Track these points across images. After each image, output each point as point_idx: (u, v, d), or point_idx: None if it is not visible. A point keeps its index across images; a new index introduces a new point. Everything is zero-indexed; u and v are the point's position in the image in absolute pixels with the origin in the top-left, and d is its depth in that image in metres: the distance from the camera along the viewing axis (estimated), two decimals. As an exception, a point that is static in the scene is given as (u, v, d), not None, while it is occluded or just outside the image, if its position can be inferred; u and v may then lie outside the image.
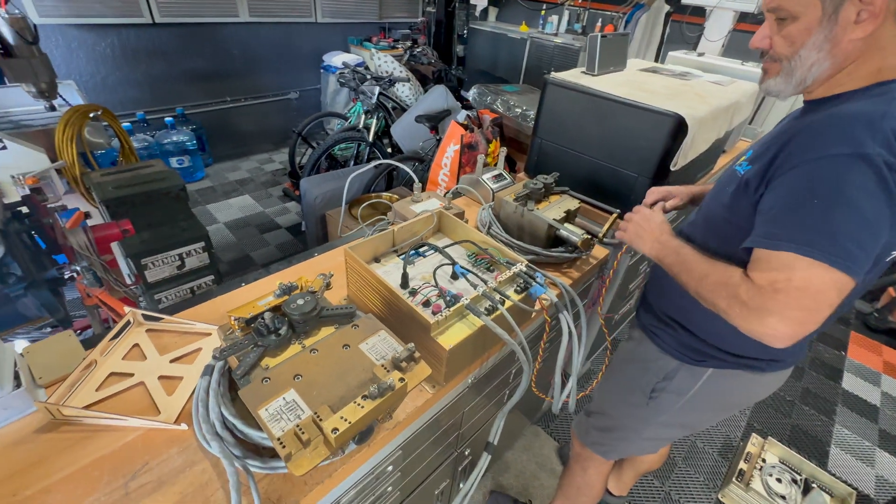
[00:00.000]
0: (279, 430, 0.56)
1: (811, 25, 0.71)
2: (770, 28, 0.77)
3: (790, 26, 0.73)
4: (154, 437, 0.71)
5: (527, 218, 1.20)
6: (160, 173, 1.78)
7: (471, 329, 0.82)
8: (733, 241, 0.83)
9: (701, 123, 1.30)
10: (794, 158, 0.70)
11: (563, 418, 2.06)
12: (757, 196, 0.77)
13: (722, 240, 0.88)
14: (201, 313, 0.96)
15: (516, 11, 5.08)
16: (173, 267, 1.72)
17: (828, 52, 0.71)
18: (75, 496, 0.63)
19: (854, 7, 0.66)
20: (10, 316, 1.24)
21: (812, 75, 0.74)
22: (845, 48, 0.70)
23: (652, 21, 3.18)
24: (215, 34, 3.73)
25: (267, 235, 3.16)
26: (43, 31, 2.95)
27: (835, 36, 0.69)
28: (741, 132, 2.22)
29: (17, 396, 0.71)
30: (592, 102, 1.38)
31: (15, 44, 1.70)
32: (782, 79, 0.78)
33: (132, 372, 0.80)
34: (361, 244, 0.96)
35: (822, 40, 0.71)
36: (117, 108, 3.43)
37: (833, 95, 0.75)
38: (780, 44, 0.76)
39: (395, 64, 3.90)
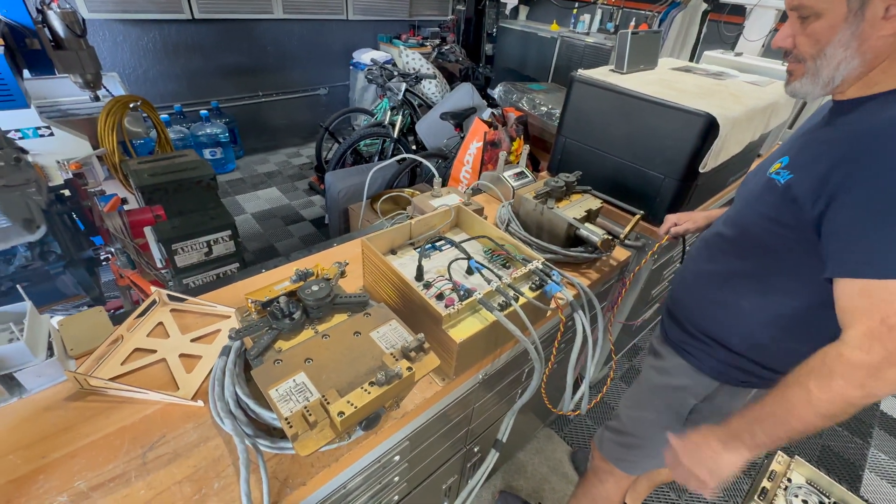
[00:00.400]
0: (287, 410, 0.58)
1: (836, 23, 0.68)
2: (793, 27, 0.74)
3: (814, 24, 0.70)
4: (172, 412, 0.74)
5: (546, 216, 1.18)
6: (192, 163, 1.85)
7: (483, 324, 0.81)
8: (779, 253, 0.79)
9: (734, 124, 1.25)
10: (865, 171, 0.64)
11: (578, 422, 2.02)
12: (815, 212, 0.70)
13: (764, 252, 0.83)
14: (222, 296, 0.99)
15: (548, 10, 5.01)
16: (201, 253, 1.78)
17: (855, 50, 0.68)
18: (97, 462, 0.66)
19: (882, 2, 0.63)
20: (50, 292, 1.31)
21: (840, 74, 0.71)
22: (875, 45, 0.66)
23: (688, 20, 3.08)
24: (250, 30, 3.84)
25: (291, 227, 3.24)
26: (91, 25, 3.12)
27: (862, 32, 0.66)
28: (779, 136, 2.12)
29: (51, 365, 0.75)
30: (620, 100, 1.35)
31: (65, 36, 1.80)
32: (809, 80, 0.75)
33: (155, 348, 0.84)
34: (378, 235, 0.97)
35: (848, 38, 0.67)
36: (156, 101, 3.59)
37: (871, 95, 0.71)
38: (803, 43, 0.72)
39: (423, 61, 3.91)
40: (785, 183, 0.76)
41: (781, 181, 0.77)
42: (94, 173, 1.97)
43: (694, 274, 1.02)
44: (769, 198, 0.80)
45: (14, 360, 0.72)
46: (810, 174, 0.71)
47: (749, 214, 0.87)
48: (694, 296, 1.00)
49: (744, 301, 0.89)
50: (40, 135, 1.78)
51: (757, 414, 0.70)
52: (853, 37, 0.67)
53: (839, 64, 0.70)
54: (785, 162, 0.81)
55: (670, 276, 1.89)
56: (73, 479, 0.64)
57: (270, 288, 0.76)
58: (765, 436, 0.68)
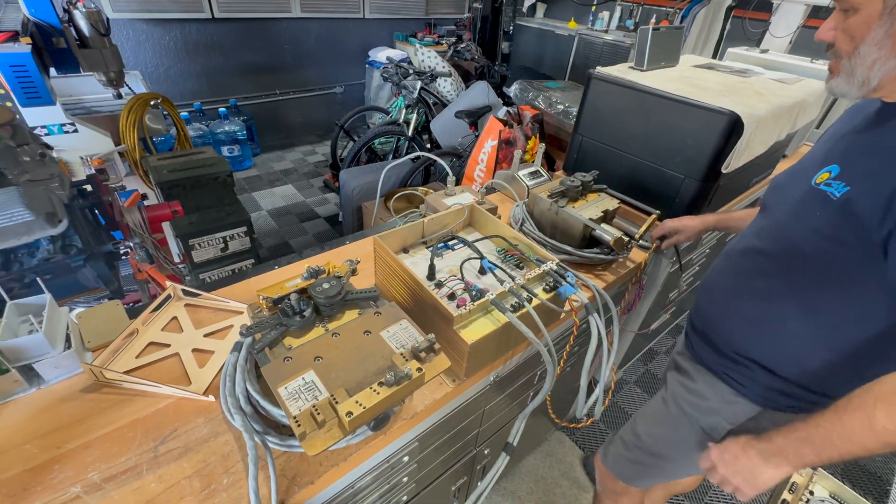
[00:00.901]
0: (296, 408, 0.57)
1: (871, 19, 0.64)
2: (836, 20, 0.70)
3: (852, 19, 0.67)
4: (184, 406, 0.74)
5: (561, 216, 1.16)
6: (210, 159, 1.88)
7: (495, 325, 0.80)
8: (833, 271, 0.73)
9: (759, 123, 1.20)
10: None
11: (590, 426, 1.99)
12: (883, 231, 0.65)
13: (815, 270, 0.77)
14: (236, 292, 1.00)
15: (565, 7, 4.95)
16: (217, 249, 1.81)
17: (890, 50, 0.64)
18: (111, 454, 0.67)
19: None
20: (71, 285, 1.34)
21: (876, 75, 0.67)
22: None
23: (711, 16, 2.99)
24: (268, 29, 3.89)
25: (306, 224, 3.27)
26: (115, 24, 3.19)
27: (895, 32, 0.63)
28: (806, 135, 2.05)
29: (68, 357, 0.76)
30: (639, 98, 1.31)
31: (90, 35, 1.84)
32: (844, 79, 0.71)
33: (169, 343, 0.85)
34: (390, 234, 0.96)
35: (882, 36, 0.64)
36: (177, 98, 3.66)
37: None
38: (841, 38, 0.69)
39: (438, 59, 3.90)
40: (842, 197, 0.70)
41: (836, 194, 0.71)
42: (115, 169, 2.01)
43: (726, 292, 0.95)
44: (822, 212, 0.73)
45: (33, 352, 0.73)
46: (874, 187, 0.66)
47: (796, 229, 0.79)
48: (729, 316, 0.93)
49: (791, 322, 0.82)
50: (65, 131, 1.83)
51: (807, 434, 0.66)
52: (887, 35, 0.64)
53: (874, 64, 0.66)
54: (835, 171, 0.74)
55: (688, 280, 1.84)
56: (87, 470, 0.64)
57: (282, 285, 0.76)
58: (814, 456, 0.65)
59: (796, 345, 0.82)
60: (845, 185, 0.70)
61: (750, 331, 0.88)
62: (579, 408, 0.93)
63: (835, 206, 0.71)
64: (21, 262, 1.19)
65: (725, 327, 0.94)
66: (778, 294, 0.83)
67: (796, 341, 0.82)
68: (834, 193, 0.71)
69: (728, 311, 0.93)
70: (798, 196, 0.80)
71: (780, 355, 0.85)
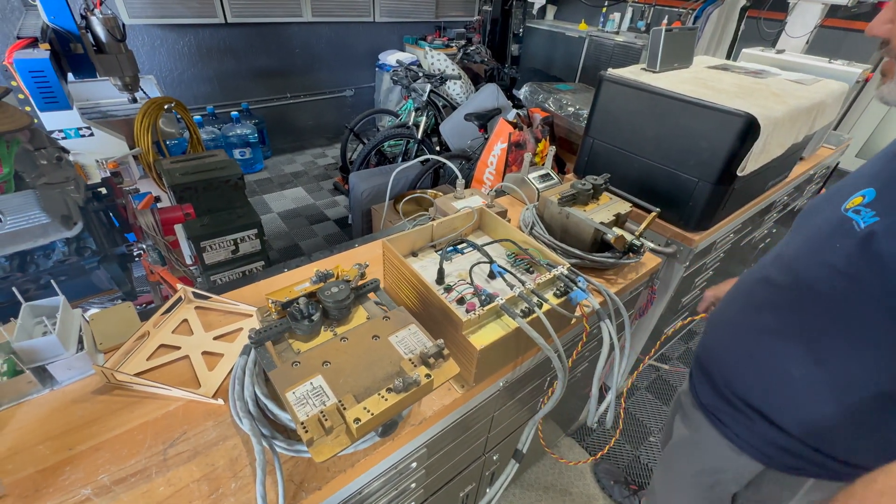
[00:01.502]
0: (304, 414, 0.57)
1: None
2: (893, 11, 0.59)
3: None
4: (193, 409, 0.75)
5: (572, 220, 1.14)
6: (221, 162, 1.89)
7: (505, 330, 0.79)
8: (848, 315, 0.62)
9: (776, 125, 1.18)
10: None
11: (601, 432, 1.96)
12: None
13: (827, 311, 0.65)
14: (245, 295, 1.00)
15: (576, 9, 4.92)
16: (228, 251, 1.82)
17: None
18: (121, 456, 0.67)
19: None
20: (85, 286, 1.37)
21: None
22: None
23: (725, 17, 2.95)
24: (280, 33, 3.93)
25: (316, 227, 3.29)
26: (131, 30, 3.26)
27: None
28: (824, 137, 2.00)
29: (81, 358, 0.77)
30: (652, 100, 1.29)
31: (106, 41, 1.88)
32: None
33: (179, 345, 0.85)
34: (399, 237, 0.95)
35: None
36: (190, 102, 3.72)
37: None
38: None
39: (448, 62, 3.91)
40: (866, 228, 0.58)
41: (861, 224, 0.59)
42: (129, 172, 2.05)
43: (731, 324, 0.84)
44: (841, 243, 0.62)
45: (47, 353, 0.74)
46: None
47: (811, 260, 0.68)
48: (730, 351, 0.82)
49: (796, 368, 0.71)
50: (81, 135, 1.87)
51: None
52: None
53: None
54: (870, 196, 0.61)
55: (703, 285, 1.81)
56: (98, 472, 0.65)
57: (290, 289, 0.76)
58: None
59: (801, 395, 0.71)
60: (874, 214, 0.59)
61: (751, 372, 0.78)
62: (591, 415, 0.92)
63: (857, 239, 0.59)
64: (37, 263, 1.21)
65: (728, 365, 0.83)
66: (785, 334, 0.73)
67: (801, 391, 0.71)
68: (858, 223, 0.60)
69: (731, 347, 0.82)
70: (822, 222, 0.69)
71: (782, 405, 0.73)
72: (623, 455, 1.87)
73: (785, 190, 1.80)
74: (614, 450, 1.89)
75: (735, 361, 0.81)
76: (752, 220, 1.76)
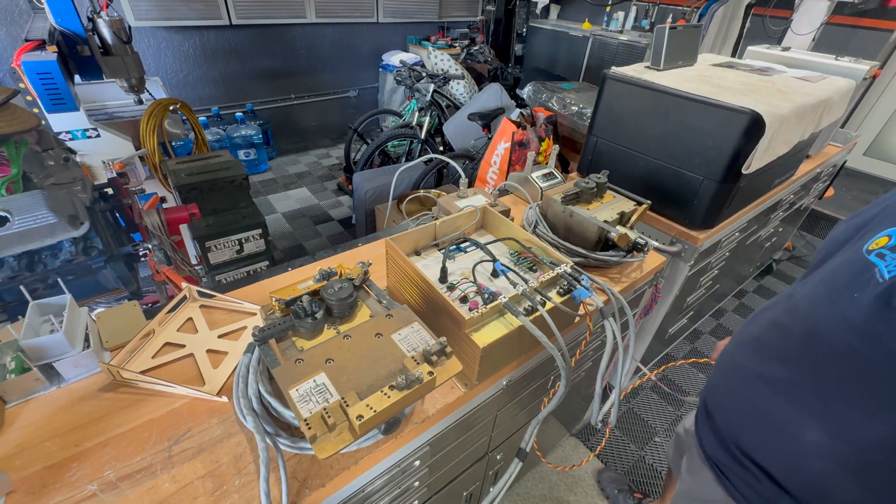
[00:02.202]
0: (307, 411, 0.57)
1: None
2: None
3: None
4: (198, 407, 0.75)
5: (575, 218, 1.14)
6: (226, 163, 1.91)
7: (508, 329, 0.79)
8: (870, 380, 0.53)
9: (782, 122, 1.17)
10: None
11: (605, 432, 1.95)
12: None
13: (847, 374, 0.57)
14: (249, 293, 1.01)
15: (580, 8, 4.91)
16: (233, 251, 1.83)
17: None
18: (126, 453, 0.68)
19: None
20: (92, 285, 1.38)
21: None
22: None
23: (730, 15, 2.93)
24: (284, 35, 3.95)
25: (320, 227, 3.30)
26: (137, 32, 3.28)
27: None
28: (831, 135, 1.98)
29: (87, 356, 0.78)
30: (656, 98, 1.29)
31: (112, 43, 1.90)
32: None
33: (184, 343, 0.86)
34: (403, 236, 0.96)
35: None
36: (196, 104, 3.75)
37: None
38: None
39: (451, 62, 3.91)
40: (889, 281, 0.49)
41: (885, 275, 0.50)
42: (136, 173, 2.06)
43: (738, 369, 0.75)
44: (860, 294, 0.52)
45: (54, 351, 0.75)
46: None
47: (825, 312, 0.58)
48: (736, 399, 0.73)
49: (808, 431, 0.62)
50: (88, 136, 1.89)
51: None
52: None
53: None
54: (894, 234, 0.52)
55: (707, 283, 1.80)
56: (104, 469, 0.65)
57: (294, 287, 0.76)
58: None
59: (813, 461, 0.62)
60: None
61: (758, 428, 0.69)
62: (594, 414, 0.91)
63: (877, 291, 0.50)
64: (45, 263, 1.23)
65: (732, 414, 0.75)
66: (796, 392, 0.64)
67: (813, 457, 0.62)
68: (882, 272, 0.50)
69: (737, 394, 0.74)
70: (841, 264, 0.59)
71: (792, 469, 0.65)
72: (628, 456, 1.86)
73: (791, 188, 1.78)
74: (620, 451, 1.88)
75: (741, 413, 0.73)
76: (758, 219, 1.74)
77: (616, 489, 1.67)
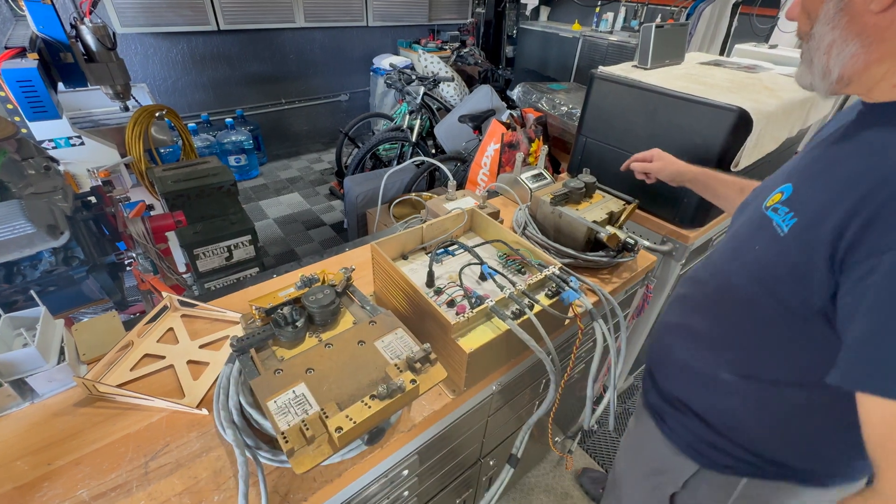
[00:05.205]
0: (285, 423, 0.55)
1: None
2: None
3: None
4: (177, 420, 0.73)
5: (564, 219, 1.13)
6: (214, 169, 1.88)
7: (495, 333, 0.77)
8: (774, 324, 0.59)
9: (769, 119, 1.16)
10: (892, 233, 0.44)
11: (601, 434, 1.93)
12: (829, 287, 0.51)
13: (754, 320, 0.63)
14: (233, 302, 0.99)
15: (569, 9, 4.93)
16: (222, 258, 1.81)
17: (845, 30, 0.51)
18: (101, 470, 0.65)
19: None
20: (75, 296, 1.35)
21: (835, 63, 0.53)
22: (872, 24, 0.48)
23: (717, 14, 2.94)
24: (273, 39, 3.93)
25: (312, 232, 3.27)
26: (124, 39, 3.25)
27: (850, 6, 0.49)
28: (819, 132, 1.99)
29: (62, 370, 0.75)
30: (643, 97, 1.28)
31: (96, 49, 1.87)
32: (805, 67, 0.58)
33: (164, 354, 0.83)
34: (389, 240, 0.94)
35: (833, 13, 0.51)
36: (185, 110, 3.71)
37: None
38: (801, 17, 0.57)
39: (441, 64, 3.91)
40: (788, 233, 0.55)
41: (783, 228, 0.56)
42: (121, 181, 2.03)
43: (666, 325, 0.85)
44: (761, 245, 0.60)
45: (26, 365, 0.73)
46: (821, 221, 0.51)
47: (732, 263, 0.65)
48: (671, 353, 0.81)
49: (724, 374, 0.70)
50: (72, 144, 1.86)
51: None
52: (839, 11, 0.51)
53: (830, 48, 0.53)
54: (787, 193, 0.58)
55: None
56: (77, 488, 0.63)
57: (275, 294, 0.74)
58: None
59: (730, 400, 0.70)
60: (792, 214, 0.56)
61: (685, 372, 0.78)
62: (587, 418, 0.90)
63: (777, 243, 0.56)
64: (24, 274, 1.20)
65: (666, 366, 0.83)
66: (711, 338, 0.72)
67: (730, 396, 0.70)
68: (779, 226, 0.57)
69: (670, 349, 0.82)
70: (746, 219, 0.67)
71: (713, 404, 0.74)
72: (624, 456, 1.85)
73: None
74: (611, 451, 1.87)
75: (672, 363, 0.81)
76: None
77: (601, 488, 1.66)
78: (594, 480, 1.69)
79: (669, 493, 0.85)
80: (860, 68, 0.52)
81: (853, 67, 0.52)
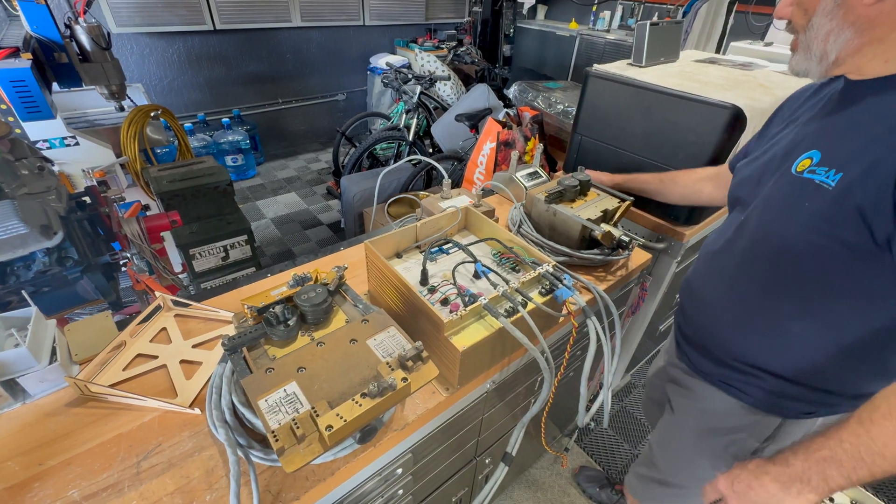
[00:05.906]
0: (276, 422, 0.55)
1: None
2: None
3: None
4: (169, 420, 0.73)
5: (559, 217, 1.13)
6: (210, 169, 1.88)
7: (489, 331, 0.77)
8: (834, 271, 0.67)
9: (763, 116, 1.16)
10: None
11: (598, 432, 1.94)
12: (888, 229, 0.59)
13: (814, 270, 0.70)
14: (227, 301, 0.98)
15: (566, 8, 4.93)
16: (218, 258, 1.81)
17: (842, 20, 0.62)
18: (92, 470, 0.65)
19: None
20: (69, 297, 1.34)
21: (832, 48, 0.64)
22: (865, 14, 0.60)
23: (713, 12, 2.94)
24: (269, 39, 3.92)
25: (309, 231, 3.27)
26: (119, 39, 3.24)
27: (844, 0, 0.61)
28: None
29: (53, 370, 0.75)
30: (638, 95, 1.28)
31: (91, 49, 1.86)
32: (802, 55, 0.69)
33: (157, 354, 0.83)
34: (382, 239, 0.94)
35: (832, 6, 0.62)
36: (181, 110, 3.70)
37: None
38: (795, 13, 0.68)
39: (438, 63, 3.90)
40: (838, 186, 0.63)
41: (831, 184, 0.64)
42: (117, 181, 2.03)
43: (716, 298, 0.89)
44: (812, 203, 0.67)
45: (17, 366, 0.72)
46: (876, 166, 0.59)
47: (786, 224, 0.72)
48: (722, 324, 0.87)
49: (791, 324, 0.76)
50: (66, 144, 1.85)
51: (830, 452, 0.57)
52: (836, 5, 0.62)
53: (828, 36, 0.64)
54: (817, 157, 0.68)
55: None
56: (68, 488, 0.63)
57: (267, 293, 0.74)
58: (842, 478, 0.56)
59: (801, 346, 0.76)
60: (836, 171, 0.64)
61: (747, 336, 0.83)
62: (580, 417, 0.90)
63: (831, 197, 0.64)
64: (17, 274, 1.19)
65: (722, 336, 0.87)
66: (773, 296, 0.77)
67: (800, 342, 0.76)
68: (828, 183, 0.65)
69: (721, 319, 0.87)
70: (778, 188, 0.74)
71: (785, 358, 0.79)
72: (622, 454, 1.85)
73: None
74: (613, 449, 1.87)
75: (730, 332, 0.85)
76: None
77: (597, 487, 1.66)
78: (591, 479, 1.70)
79: (752, 448, 0.91)
80: (853, 51, 0.63)
81: (847, 50, 0.64)
